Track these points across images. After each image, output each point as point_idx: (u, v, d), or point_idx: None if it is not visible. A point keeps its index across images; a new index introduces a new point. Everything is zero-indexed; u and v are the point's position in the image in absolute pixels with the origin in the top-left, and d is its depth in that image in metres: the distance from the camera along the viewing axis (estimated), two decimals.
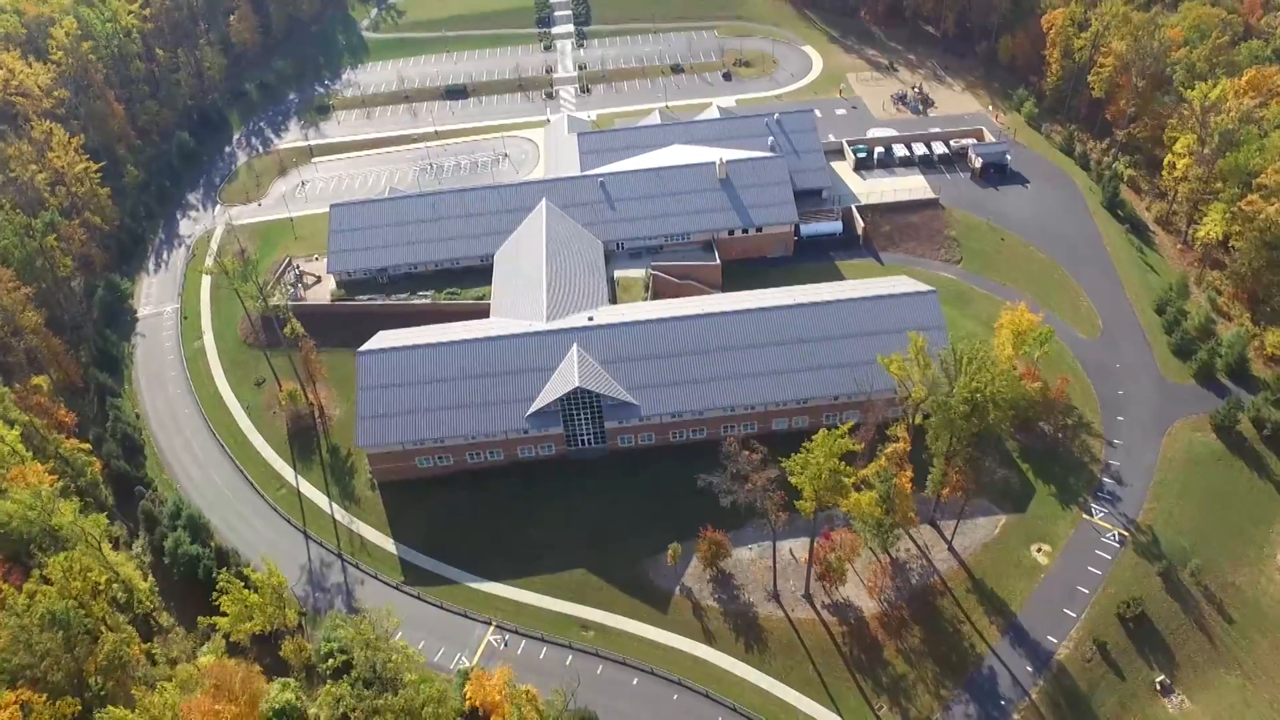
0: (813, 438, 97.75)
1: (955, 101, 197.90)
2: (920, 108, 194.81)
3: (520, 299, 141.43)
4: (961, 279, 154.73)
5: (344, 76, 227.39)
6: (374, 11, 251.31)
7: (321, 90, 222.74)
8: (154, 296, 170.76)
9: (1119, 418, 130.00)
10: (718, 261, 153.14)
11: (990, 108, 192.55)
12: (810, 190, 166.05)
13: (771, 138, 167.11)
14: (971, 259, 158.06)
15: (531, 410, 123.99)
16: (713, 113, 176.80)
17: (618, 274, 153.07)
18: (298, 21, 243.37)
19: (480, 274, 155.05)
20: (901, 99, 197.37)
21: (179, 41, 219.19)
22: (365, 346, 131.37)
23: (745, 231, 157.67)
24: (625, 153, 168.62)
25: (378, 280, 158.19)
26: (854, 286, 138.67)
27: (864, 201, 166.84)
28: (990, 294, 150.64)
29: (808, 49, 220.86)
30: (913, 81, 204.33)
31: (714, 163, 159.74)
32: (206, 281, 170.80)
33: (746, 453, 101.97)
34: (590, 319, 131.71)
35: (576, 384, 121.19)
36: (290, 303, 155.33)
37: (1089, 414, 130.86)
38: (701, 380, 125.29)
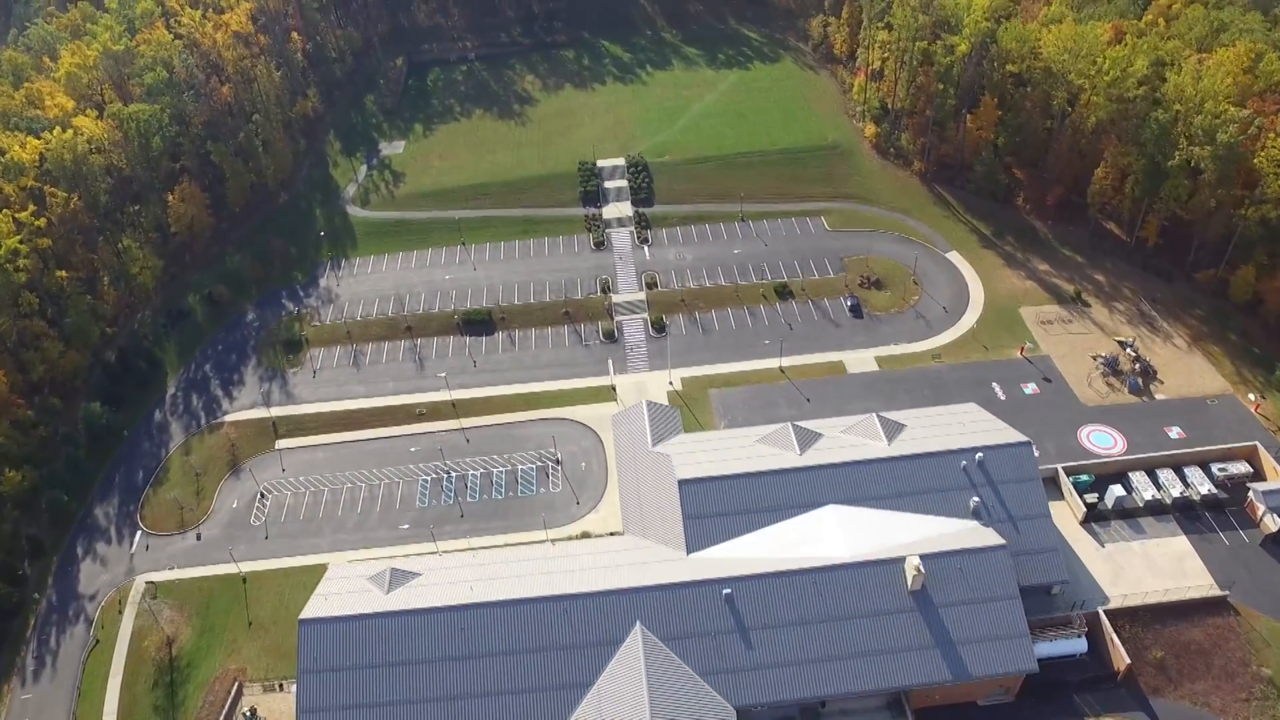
0: None
1: (1182, 366, 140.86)
2: (1140, 384, 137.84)
3: None
4: None
5: (321, 282, 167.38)
6: (361, 171, 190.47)
7: (291, 307, 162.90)
8: None
9: None
10: None
11: (1252, 397, 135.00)
12: (1036, 586, 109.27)
13: (976, 498, 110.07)
14: None
15: None
16: (875, 437, 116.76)
17: None
18: (262, 192, 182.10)
19: None
20: (1111, 367, 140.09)
21: (95, 241, 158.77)
22: None
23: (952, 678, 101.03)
24: (753, 517, 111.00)
25: None
26: None
27: (1114, 601, 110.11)
28: None
29: (955, 257, 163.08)
30: (1115, 328, 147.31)
31: (901, 562, 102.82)
32: (112, 698, 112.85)
33: None
34: None
35: None
36: None
37: None
38: None
